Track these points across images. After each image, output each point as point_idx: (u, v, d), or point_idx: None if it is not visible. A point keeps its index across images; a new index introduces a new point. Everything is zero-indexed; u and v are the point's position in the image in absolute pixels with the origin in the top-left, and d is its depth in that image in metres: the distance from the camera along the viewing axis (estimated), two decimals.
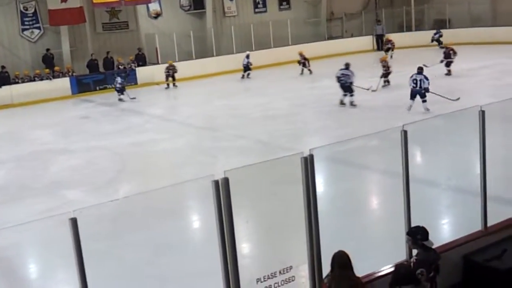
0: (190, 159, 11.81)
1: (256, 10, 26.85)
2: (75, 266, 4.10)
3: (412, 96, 13.82)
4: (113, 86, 19.74)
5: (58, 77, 21.04)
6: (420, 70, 14.19)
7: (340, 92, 15.02)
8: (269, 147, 12.13)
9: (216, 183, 4.30)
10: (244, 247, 5.48)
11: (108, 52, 22.38)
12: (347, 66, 15.00)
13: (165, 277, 6.27)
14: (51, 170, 11.77)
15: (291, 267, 4.56)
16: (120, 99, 18.99)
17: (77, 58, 22.22)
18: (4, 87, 19.97)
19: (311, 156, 4.52)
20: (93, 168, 11.66)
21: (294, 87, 19.13)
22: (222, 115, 15.69)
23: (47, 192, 10.17)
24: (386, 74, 17.01)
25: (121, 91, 19.09)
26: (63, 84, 20.80)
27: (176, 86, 20.97)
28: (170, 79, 20.98)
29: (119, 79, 19.29)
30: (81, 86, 20.97)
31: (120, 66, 22.39)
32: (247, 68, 21.44)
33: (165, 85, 20.98)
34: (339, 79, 14.85)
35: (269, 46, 24.80)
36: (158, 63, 23.06)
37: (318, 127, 13.88)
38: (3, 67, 20.50)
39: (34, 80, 20.80)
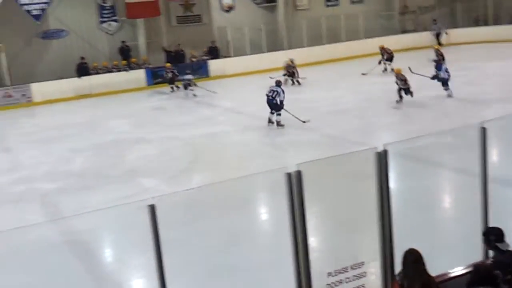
0: (260, 151, 11.94)
1: (328, 3, 26.68)
2: (152, 251, 4.26)
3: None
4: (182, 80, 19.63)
5: (134, 68, 21.73)
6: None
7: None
8: (338, 141, 12.07)
9: (289, 175, 4.36)
10: (315, 241, 5.52)
11: (179, 45, 22.87)
12: (277, 83, 14.15)
13: (235, 266, 6.40)
14: (127, 158, 12.21)
15: (362, 263, 4.57)
16: (190, 94, 19.08)
17: (152, 50, 22.85)
18: (83, 78, 20.86)
19: (385, 151, 4.49)
20: (167, 157, 12.01)
21: (365, 81, 18.91)
22: (291, 108, 15.69)
23: (124, 180, 10.56)
24: (404, 90, 15.00)
25: (186, 86, 19.17)
26: (139, 75, 21.48)
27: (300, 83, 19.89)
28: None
29: (189, 76, 19.31)
30: (155, 78, 21.56)
31: (192, 59, 22.82)
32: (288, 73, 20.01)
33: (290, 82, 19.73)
34: (267, 95, 13.85)
35: (340, 40, 24.58)
36: (230, 56, 23.35)
37: (387, 123, 13.68)
38: (82, 58, 21.37)
39: (111, 71, 21.62)
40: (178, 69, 20.32)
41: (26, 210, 9.33)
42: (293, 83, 19.66)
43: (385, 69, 20.13)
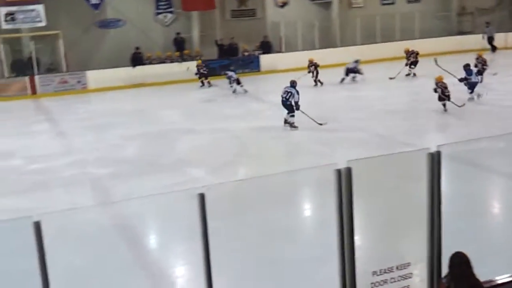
0: (308, 147, 11.92)
1: (384, 2, 26.27)
2: (197, 240, 4.33)
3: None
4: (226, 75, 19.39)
5: (187, 60, 21.99)
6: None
7: None
8: (388, 141, 11.94)
9: (339, 172, 4.35)
10: (361, 239, 5.50)
11: (232, 38, 23.01)
12: (292, 84, 13.82)
13: (279, 260, 6.44)
14: (176, 148, 12.41)
15: (409, 264, 4.53)
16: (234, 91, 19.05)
17: (205, 43, 23.08)
18: (137, 67, 21.27)
19: (439, 153, 4.43)
20: (214, 149, 12.14)
21: (418, 82, 18.60)
22: (342, 105, 15.64)
23: (172, 169, 10.74)
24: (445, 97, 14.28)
25: (233, 82, 19.10)
26: (191, 67, 21.71)
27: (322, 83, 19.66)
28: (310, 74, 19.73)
29: (231, 73, 19.06)
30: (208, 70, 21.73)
31: (244, 53, 22.95)
32: (351, 71, 19.65)
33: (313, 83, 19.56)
34: (281, 97, 13.61)
35: (394, 39, 24.22)
36: (282, 52, 23.36)
37: (439, 124, 13.45)
38: (137, 48, 21.78)
39: (164, 62, 21.97)
40: (232, 62, 20.39)
41: (77, 194, 9.61)
42: (316, 84, 19.38)
43: (409, 74, 19.72)
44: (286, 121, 13.55)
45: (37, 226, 3.83)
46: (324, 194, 5.44)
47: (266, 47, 23.43)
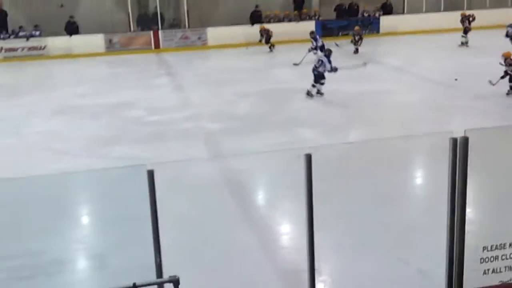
0: (424, 114, 11.44)
1: None
2: (302, 200, 4.34)
3: None
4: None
5: (305, 19, 21.79)
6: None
7: None
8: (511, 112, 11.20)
9: (454, 141, 4.14)
10: (473, 212, 5.24)
11: None
12: (327, 53, 13.29)
13: (383, 226, 6.30)
14: (288, 107, 12.42)
15: None
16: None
17: (324, 3, 22.70)
18: (255, 26, 21.41)
19: None
20: (326, 110, 12.02)
21: None
22: (463, 72, 14.78)
23: (283, 128, 10.79)
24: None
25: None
26: (309, 27, 21.49)
27: None
28: None
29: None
30: (325, 31, 21.43)
31: (364, 14, 22.33)
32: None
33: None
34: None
35: None
36: (403, 13, 22.46)
37: None
38: (256, 6, 21.90)
39: (282, 21, 21.92)
40: (351, 22, 19.95)
41: (191, 146, 9.96)
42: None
43: (462, 43, 18.18)
44: (308, 92, 13.08)
45: (151, 175, 4.01)
46: (437, 163, 5.20)
47: (387, 8, 22.62)
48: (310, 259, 4.38)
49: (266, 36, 20.09)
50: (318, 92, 13.09)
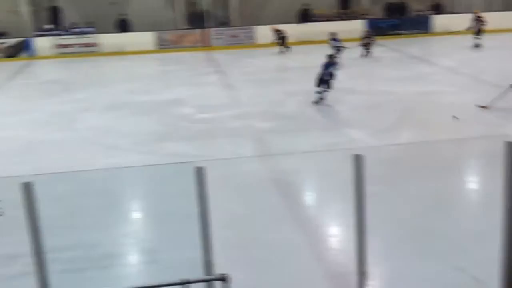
0: (478, 116, 11.13)
1: None
2: (351, 201, 4.30)
3: None
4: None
5: (355, 18, 21.58)
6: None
7: None
8: None
9: (510, 144, 4.02)
10: None
11: None
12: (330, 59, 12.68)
13: (434, 232, 6.17)
14: (337, 107, 12.32)
15: None
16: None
17: (375, 1, 22.43)
18: (305, 24, 21.34)
19: None
20: (377, 111, 11.85)
21: None
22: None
23: (332, 128, 10.73)
24: None
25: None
26: (357, 25, 21.28)
27: None
28: None
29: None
30: (375, 29, 21.14)
31: (416, 13, 21.97)
32: None
33: None
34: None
35: None
36: (456, 12, 21.96)
37: None
38: (307, 4, 21.82)
39: (331, 20, 21.78)
40: (402, 22, 19.66)
41: (239, 145, 10.00)
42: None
43: (476, 45, 17.42)
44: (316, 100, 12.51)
45: (200, 171, 4.04)
46: (492, 167, 5.05)
47: (438, 8, 22.17)
48: (360, 262, 4.34)
49: (280, 37, 19.90)
50: (322, 98, 12.55)
